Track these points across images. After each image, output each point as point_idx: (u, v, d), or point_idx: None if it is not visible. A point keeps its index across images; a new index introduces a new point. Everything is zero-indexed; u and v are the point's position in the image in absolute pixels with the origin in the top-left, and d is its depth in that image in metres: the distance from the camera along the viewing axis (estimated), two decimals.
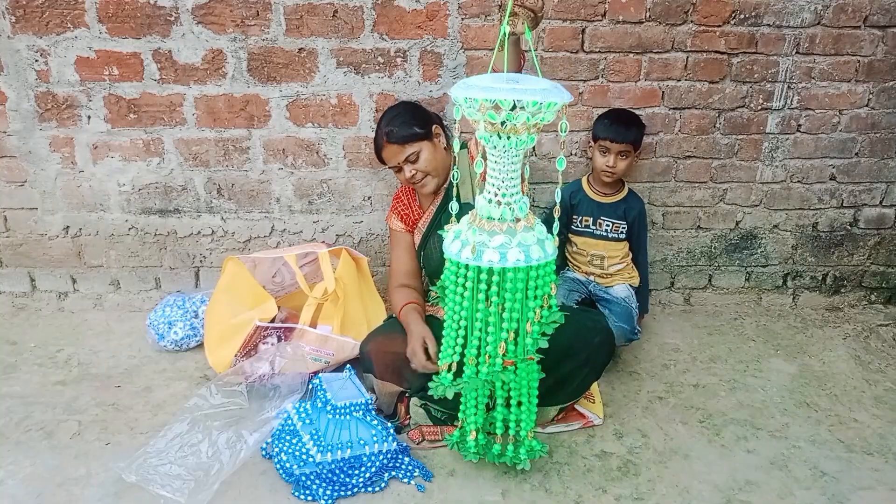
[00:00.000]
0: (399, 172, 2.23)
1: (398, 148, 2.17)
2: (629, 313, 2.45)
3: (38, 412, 2.16)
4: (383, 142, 2.19)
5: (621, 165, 2.44)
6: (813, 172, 2.77)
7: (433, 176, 2.20)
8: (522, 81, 1.45)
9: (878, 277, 2.98)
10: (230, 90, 2.51)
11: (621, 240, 2.55)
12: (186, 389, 2.29)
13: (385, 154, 2.21)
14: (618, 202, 2.54)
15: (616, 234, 2.54)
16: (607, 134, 2.42)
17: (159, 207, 2.68)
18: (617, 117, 2.46)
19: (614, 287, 2.55)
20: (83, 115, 2.53)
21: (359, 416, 1.95)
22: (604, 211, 2.54)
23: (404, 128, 2.17)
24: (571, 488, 1.89)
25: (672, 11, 2.49)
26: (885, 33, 2.56)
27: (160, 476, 1.84)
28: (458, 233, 1.61)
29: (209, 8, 2.40)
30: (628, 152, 2.42)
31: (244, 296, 2.40)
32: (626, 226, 2.53)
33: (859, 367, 2.53)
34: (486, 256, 1.53)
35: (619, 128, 2.42)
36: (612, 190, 2.55)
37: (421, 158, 2.17)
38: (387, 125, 2.19)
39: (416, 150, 2.17)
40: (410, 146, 2.16)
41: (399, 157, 2.18)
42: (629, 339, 2.44)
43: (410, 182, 2.22)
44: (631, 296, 2.53)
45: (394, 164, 2.21)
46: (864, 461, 2.03)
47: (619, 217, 2.53)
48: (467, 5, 2.44)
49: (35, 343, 2.57)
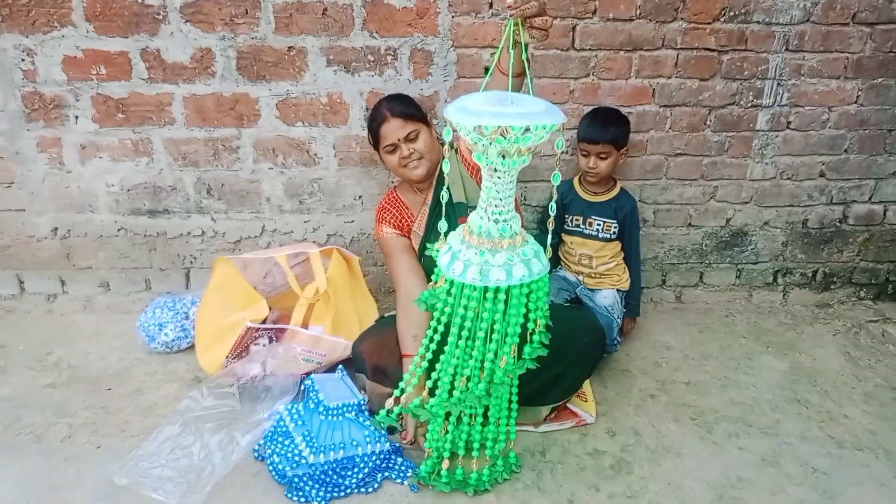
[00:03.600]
0: (392, 153, 2.16)
1: (401, 123, 2.13)
2: (609, 324, 2.45)
3: (28, 415, 2.14)
4: (385, 115, 2.14)
5: (602, 165, 2.43)
6: (803, 169, 2.79)
7: (428, 160, 2.16)
8: (517, 103, 1.44)
9: (868, 274, 3.00)
10: (219, 89, 2.49)
11: (612, 240, 2.55)
12: (178, 391, 2.28)
13: (385, 129, 2.15)
14: (608, 201, 2.54)
15: (608, 233, 2.54)
16: (585, 135, 2.43)
17: (148, 208, 2.66)
18: (594, 117, 2.46)
19: (601, 292, 2.54)
20: (71, 115, 2.51)
21: (351, 416, 1.94)
22: (594, 210, 2.54)
23: (407, 106, 2.18)
24: (564, 487, 1.89)
25: (662, 9, 2.49)
26: (873, 30, 2.57)
27: (152, 479, 1.83)
28: (455, 254, 1.59)
29: (197, 6, 2.38)
30: (608, 153, 2.42)
31: (235, 297, 2.39)
32: (618, 225, 2.53)
33: (849, 364, 2.54)
34: (492, 276, 1.53)
35: (596, 129, 2.41)
36: (602, 188, 2.55)
37: (420, 139, 2.15)
38: (389, 103, 2.18)
39: (416, 130, 2.15)
40: (412, 124, 2.14)
41: (400, 133, 2.13)
42: (606, 351, 2.40)
43: (405, 162, 2.15)
44: (616, 304, 2.52)
45: (391, 142, 2.15)
46: (854, 457, 2.04)
47: (609, 216, 2.53)
48: (457, 3, 2.43)
49: (24, 346, 2.54)
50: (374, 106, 2.25)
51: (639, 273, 2.65)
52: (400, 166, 2.18)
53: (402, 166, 2.17)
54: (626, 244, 2.60)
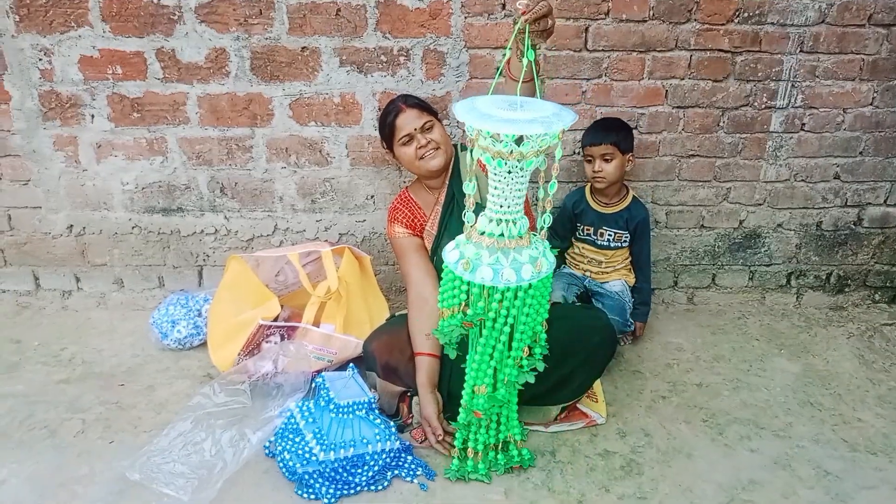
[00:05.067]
0: (408, 144, 2.17)
1: (417, 113, 2.17)
2: (622, 306, 2.50)
3: (42, 411, 2.16)
4: (400, 107, 2.18)
5: (608, 169, 2.43)
6: (817, 171, 2.77)
7: (443, 151, 2.17)
8: (526, 107, 1.44)
9: (883, 277, 2.97)
10: (233, 89, 2.51)
11: (623, 248, 2.57)
12: (190, 388, 2.29)
13: (401, 120, 2.16)
14: (620, 212, 2.54)
15: (618, 243, 2.55)
16: (587, 139, 2.44)
17: (163, 206, 2.68)
18: (595, 124, 2.49)
19: (609, 282, 2.58)
20: (87, 113, 2.53)
21: (362, 414, 1.95)
22: (605, 221, 2.54)
23: (420, 100, 2.24)
24: (574, 487, 1.89)
25: (675, 10, 2.48)
26: (889, 31, 2.55)
27: (164, 474, 1.85)
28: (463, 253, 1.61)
29: (212, 7, 2.40)
30: (611, 154, 2.42)
31: (247, 294, 2.41)
32: (629, 234, 2.54)
33: (863, 367, 2.52)
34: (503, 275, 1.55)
35: (597, 132, 2.44)
36: (613, 199, 2.55)
37: (435, 129, 2.18)
38: (402, 97, 2.23)
39: (431, 121, 2.18)
40: (427, 115, 2.19)
41: (416, 123, 2.15)
42: (622, 331, 2.51)
43: (422, 152, 2.15)
44: (625, 290, 2.56)
45: (407, 132, 2.16)
46: (867, 460, 2.02)
47: (621, 227, 2.54)
48: (470, 4, 2.43)
49: (39, 342, 2.57)
50: (386, 105, 2.27)
51: (649, 281, 2.65)
52: (417, 158, 2.17)
53: (419, 158, 2.17)
54: (635, 256, 2.61)
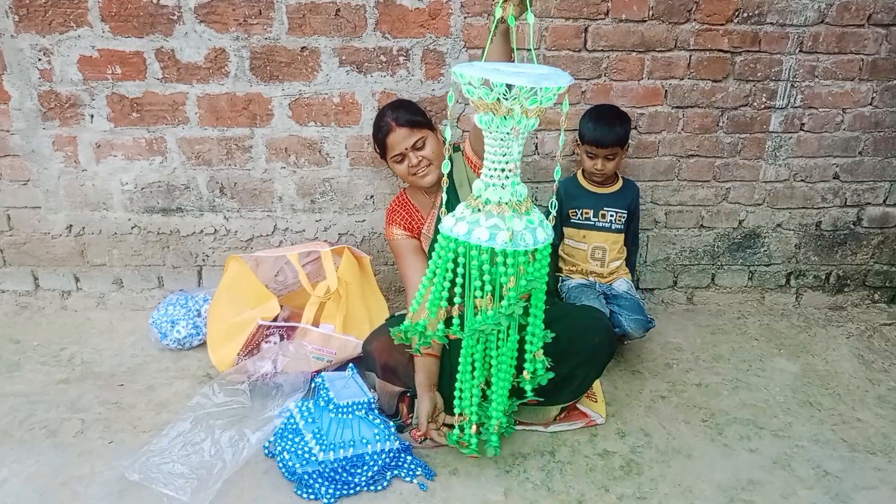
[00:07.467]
0: (401, 162, 2.18)
1: (407, 132, 2.15)
2: (638, 304, 2.47)
3: (42, 411, 2.16)
4: (391, 126, 2.15)
5: (610, 166, 2.45)
6: (816, 171, 2.77)
7: (436, 166, 2.17)
8: (522, 68, 1.44)
9: (882, 277, 2.97)
10: (233, 89, 2.51)
11: (621, 231, 2.57)
12: (189, 388, 2.29)
13: (391, 139, 2.16)
14: (618, 191, 2.56)
15: (619, 224, 2.55)
16: (592, 139, 2.41)
17: (162, 206, 2.68)
18: (598, 118, 2.42)
19: (616, 283, 2.57)
20: (86, 114, 2.53)
21: (361, 414, 1.95)
22: (605, 201, 2.54)
23: (413, 114, 2.19)
24: (574, 487, 1.89)
25: (675, 10, 2.48)
26: (888, 31, 2.56)
27: (163, 474, 1.85)
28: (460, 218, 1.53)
29: (212, 7, 2.40)
30: (615, 154, 2.43)
31: (247, 294, 2.40)
32: (627, 214, 2.55)
33: (863, 367, 2.52)
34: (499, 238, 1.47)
35: (602, 131, 2.39)
36: (609, 179, 2.56)
37: (427, 146, 2.16)
38: (393, 112, 2.18)
39: (423, 137, 2.16)
40: (418, 132, 2.16)
41: (407, 143, 2.15)
42: (647, 329, 2.42)
43: (414, 170, 2.17)
44: (632, 287, 2.57)
45: (398, 152, 2.16)
46: (867, 461, 2.03)
47: (621, 206, 2.55)
48: (469, 4, 2.43)
49: (38, 342, 2.57)
50: (377, 115, 2.26)
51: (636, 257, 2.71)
52: (409, 175, 2.19)
53: (412, 174, 2.19)
54: (633, 227, 2.63)
